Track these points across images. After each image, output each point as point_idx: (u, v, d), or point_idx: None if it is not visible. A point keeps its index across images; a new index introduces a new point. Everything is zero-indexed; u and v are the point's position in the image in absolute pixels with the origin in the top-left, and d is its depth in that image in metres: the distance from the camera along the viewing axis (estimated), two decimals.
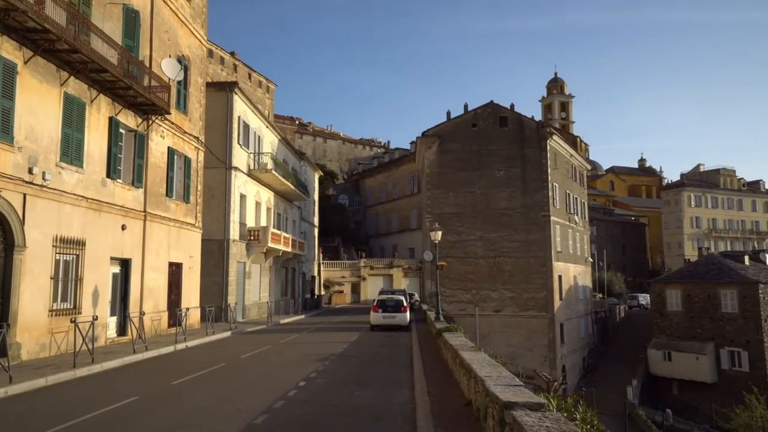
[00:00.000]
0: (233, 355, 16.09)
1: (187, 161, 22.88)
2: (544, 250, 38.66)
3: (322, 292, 50.26)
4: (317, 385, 11.46)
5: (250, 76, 68.28)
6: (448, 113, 42.77)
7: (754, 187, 79.03)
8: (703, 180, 76.29)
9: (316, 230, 51.11)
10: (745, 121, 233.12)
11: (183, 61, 22.33)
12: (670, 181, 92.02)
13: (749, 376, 35.07)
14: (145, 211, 19.27)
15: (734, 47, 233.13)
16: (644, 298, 56.76)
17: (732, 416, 26.85)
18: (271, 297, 33.78)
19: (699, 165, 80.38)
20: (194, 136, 23.71)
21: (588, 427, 9.25)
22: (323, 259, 53.00)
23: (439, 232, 22.72)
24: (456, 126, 41.05)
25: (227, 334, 21.88)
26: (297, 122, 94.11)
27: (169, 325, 20.68)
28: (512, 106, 41.39)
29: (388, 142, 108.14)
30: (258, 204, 32.78)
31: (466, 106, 42.16)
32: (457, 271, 38.47)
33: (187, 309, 21.25)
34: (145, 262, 19.26)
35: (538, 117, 77.32)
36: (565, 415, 8.52)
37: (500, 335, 37.34)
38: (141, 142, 19.01)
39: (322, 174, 58.67)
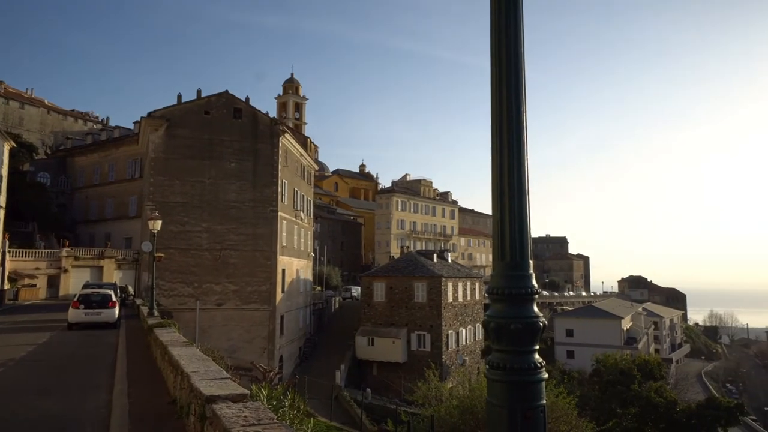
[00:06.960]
0: None
1: None
2: (271, 244, 39.62)
3: (7, 287, 41.85)
4: None
5: None
6: (179, 97, 40.30)
7: (444, 197, 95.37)
8: (408, 188, 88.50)
9: (2, 212, 42.32)
10: (442, 143, 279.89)
11: None
12: (383, 187, 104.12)
13: (430, 354, 42.33)
14: None
15: (449, 82, 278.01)
16: (356, 291, 62.77)
17: (415, 389, 31.83)
18: None
19: (406, 174, 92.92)
20: None
21: (295, 411, 9.88)
22: (10, 247, 44.21)
23: (159, 221, 21.26)
24: (187, 111, 38.97)
25: None
26: None
27: None
28: (248, 99, 41.27)
29: (108, 118, 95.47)
30: None
31: (199, 92, 40.36)
32: (179, 263, 36.65)
33: None
34: None
35: (274, 114, 78.78)
36: (275, 402, 8.95)
37: (221, 329, 36.91)
38: None
39: (15, 145, 48.87)
